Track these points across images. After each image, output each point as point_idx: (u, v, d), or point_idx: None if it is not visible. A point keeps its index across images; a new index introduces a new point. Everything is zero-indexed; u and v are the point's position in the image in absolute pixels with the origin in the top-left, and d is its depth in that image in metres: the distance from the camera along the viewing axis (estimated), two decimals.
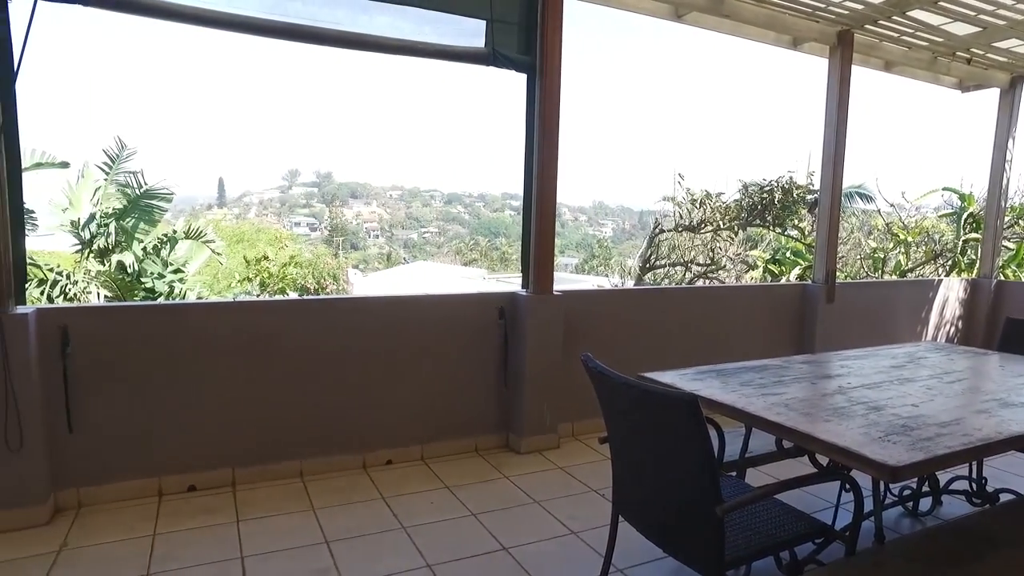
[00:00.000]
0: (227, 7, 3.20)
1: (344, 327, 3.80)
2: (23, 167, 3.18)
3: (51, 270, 9.10)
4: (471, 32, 3.85)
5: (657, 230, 10.81)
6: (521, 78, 4.04)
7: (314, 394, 3.72)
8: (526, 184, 4.14)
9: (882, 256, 10.24)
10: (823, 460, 2.52)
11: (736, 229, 10.39)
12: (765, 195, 9.99)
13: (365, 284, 27.01)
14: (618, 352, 4.47)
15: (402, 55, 3.69)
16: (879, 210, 10.72)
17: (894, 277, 9.81)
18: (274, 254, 16.54)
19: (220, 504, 3.35)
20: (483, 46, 3.85)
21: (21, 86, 3.00)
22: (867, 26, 5.03)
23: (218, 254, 11.29)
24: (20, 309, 3.05)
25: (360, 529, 3.12)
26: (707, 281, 10.46)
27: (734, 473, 2.63)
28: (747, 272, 10.48)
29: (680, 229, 10.48)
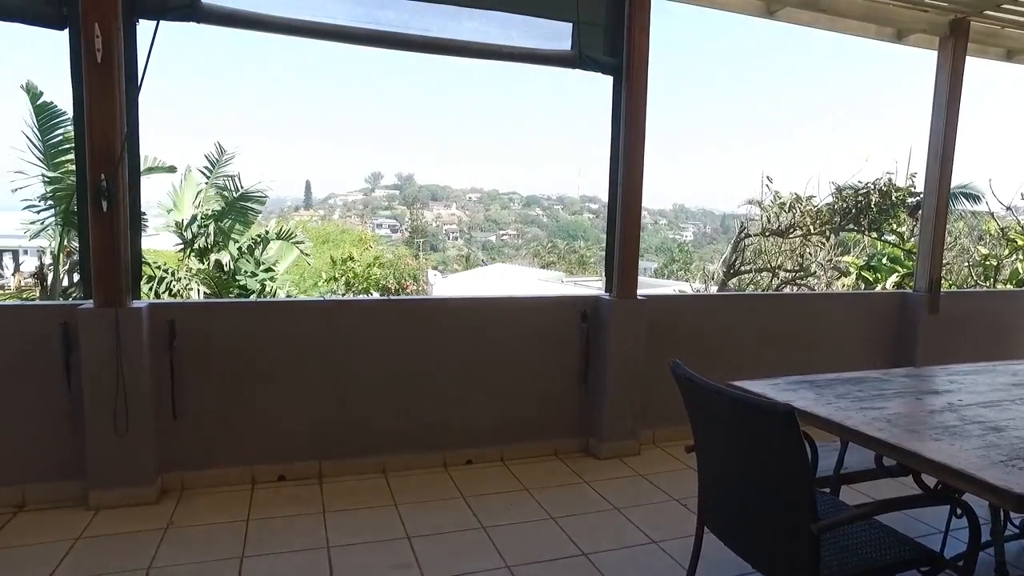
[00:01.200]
0: (324, 18, 3.34)
1: (428, 327, 3.88)
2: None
3: (158, 267, 9.74)
4: (557, 35, 3.85)
5: (743, 234, 10.47)
6: (607, 80, 4.01)
7: (397, 392, 3.82)
8: (611, 187, 4.10)
9: (995, 264, 9.50)
10: (929, 481, 2.36)
11: (828, 234, 9.92)
12: (860, 198, 9.48)
13: (444, 285, 27.53)
14: (702, 359, 4.32)
15: (488, 59, 3.74)
16: (992, 213, 9.95)
17: (1010, 287, 9.07)
18: (359, 255, 17.09)
19: (308, 495, 3.48)
20: (569, 48, 3.85)
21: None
22: (987, 12, 4.65)
23: (307, 255, 11.78)
24: (135, 303, 3.28)
25: (440, 526, 3.17)
26: (795, 288, 10.04)
27: (827, 489, 2.50)
28: (838, 279, 9.98)
29: (767, 234, 10.11)
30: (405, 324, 3.86)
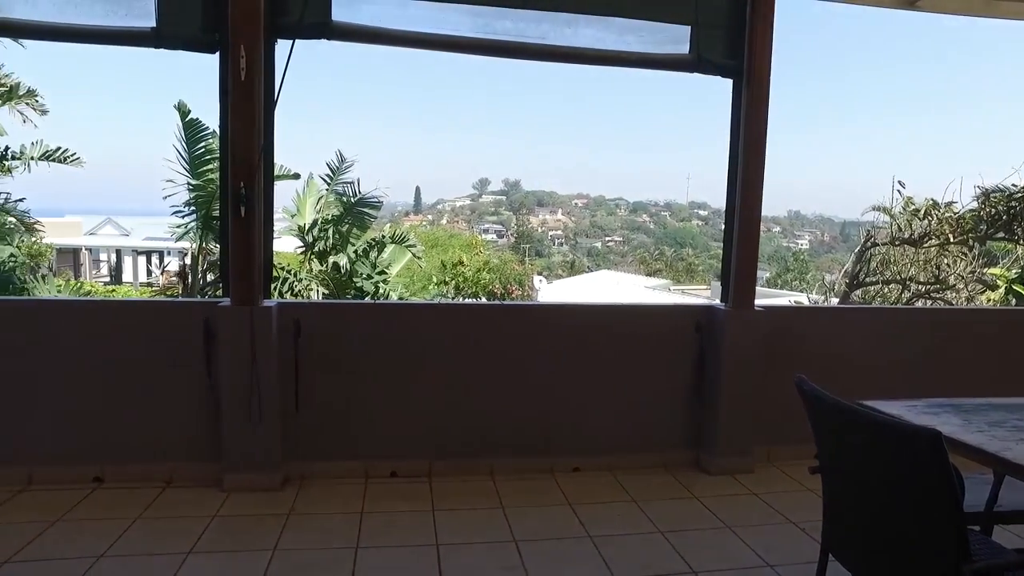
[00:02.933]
0: (447, 30, 3.46)
1: (538, 333, 3.91)
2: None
3: (282, 268, 10.42)
4: (675, 39, 3.77)
5: (868, 243, 9.74)
6: (720, 82, 3.87)
7: (505, 396, 3.86)
8: (729, 194, 3.95)
9: None
10: None
11: (971, 243, 9.02)
12: (1014, 204, 8.54)
13: (549, 291, 27.64)
14: (823, 375, 4.01)
15: (604, 65, 3.72)
16: None
17: None
18: (469, 259, 17.49)
19: (418, 492, 3.59)
20: (687, 52, 3.75)
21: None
22: None
23: (419, 258, 12.21)
24: (266, 302, 3.53)
25: (547, 533, 3.17)
26: (929, 302, 9.22)
27: (977, 527, 2.28)
28: (982, 293, 9.07)
29: (897, 243, 9.34)
30: (515, 329, 3.90)
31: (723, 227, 4.06)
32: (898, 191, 9.64)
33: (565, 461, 3.92)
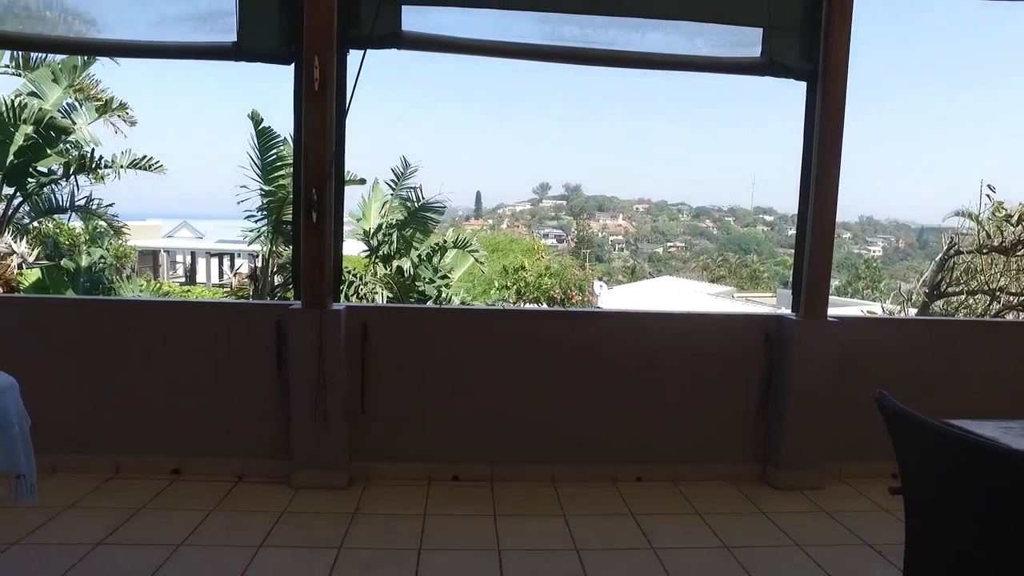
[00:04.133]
0: (513, 37, 3.48)
1: (600, 339, 3.88)
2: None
3: (348, 271, 10.71)
4: (745, 41, 3.68)
5: (951, 251, 9.23)
6: (789, 85, 3.75)
7: (568, 403, 3.85)
8: (801, 198, 3.83)
9: None
10: None
11: None
12: None
13: (609, 296, 27.37)
14: (902, 391, 3.83)
15: (673, 69, 3.67)
16: None
17: None
18: (530, 264, 17.52)
19: (479, 496, 3.61)
20: (759, 55, 3.65)
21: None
22: None
23: (481, 263, 12.34)
24: (335, 306, 3.63)
25: (609, 542, 3.14)
26: (1022, 315, 8.66)
27: None
28: None
29: (985, 251, 8.81)
30: (578, 335, 3.88)
31: (792, 233, 3.94)
32: (987, 195, 9.11)
33: (627, 470, 3.87)
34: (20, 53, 9.62)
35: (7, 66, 9.65)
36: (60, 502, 3.29)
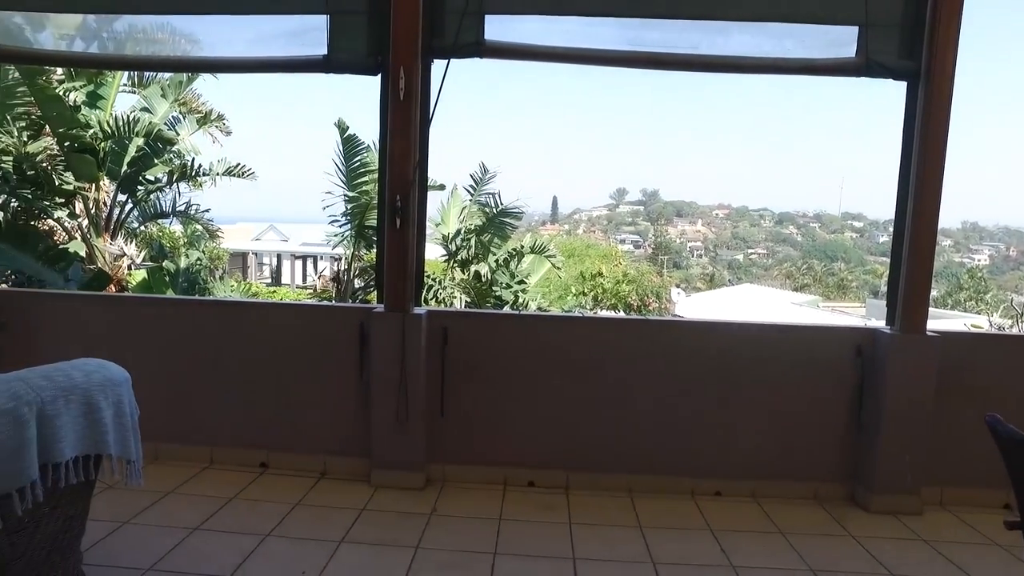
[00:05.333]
0: (595, 44, 3.47)
1: (679, 349, 3.80)
2: None
3: (428, 276, 10.95)
4: (839, 41, 3.52)
5: None
6: (895, 87, 3.55)
7: (646, 412, 3.78)
8: (899, 204, 3.61)
9: None
10: None
11: None
12: None
13: (687, 304, 26.76)
14: (1015, 415, 3.61)
15: (760, 73, 3.55)
16: None
17: None
18: (607, 271, 17.39)
19: (555, 503, 3.60)
20: (854, 55, 3.48)
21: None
22: None
23: (558, 268, 12.34)
24: (416, 310, 3.71)
25: (687, 558, 3.06)
26: None
27: None
28: None
29: None
30: (656, 344, 3.82)
31: (884, 240, 3.75)
32: None
33: (707, 484, 3.76)
34: (136, 72, 10.45)
35: (125, 84, 10.47)
36: (162, 487, 3.51)
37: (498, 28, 3.57)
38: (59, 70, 9.57)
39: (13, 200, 9.35)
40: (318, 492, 3.61)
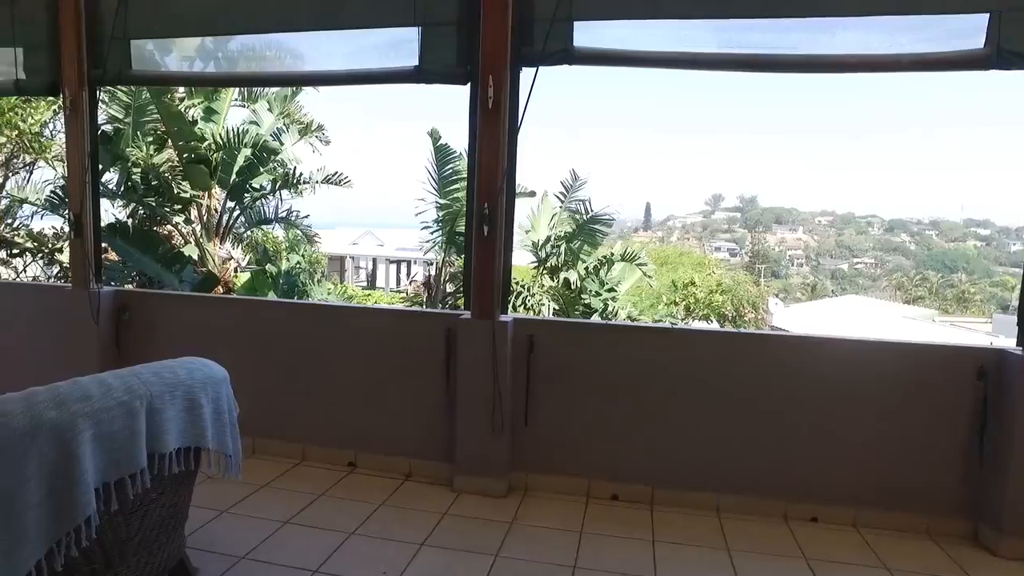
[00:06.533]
0: (690, 47, 3.36)
1: (776, 363, 3.60)
2: None
3: (516, 283, 11.00)
4: (961, 32, 3.22)
5: None
6: (999, 77, 3.22)
7: (737, 429, 3.61)
8: None
9: None
10: None
11: None
12: None
13: (785, 315, 25.53)
14: None
15: (870, 71, 3.30)
16: None
17: None
18: (700, 279, 16.89)
19: (638, 519, 3.49)
20: (981, 47, 3.17)
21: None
22: None
23: (649, 277, 12.09)
24: (503, 317, 3.71)
25: None
26: None
27: None
28: None
29: None
30: (751, 358, 3.63)
31: (1016, 249, 3.39)
32: None
33: (801, 508, 3.54)
34: (246, 88, 11.22)
35: (236, 100, 11.24)
36: (258, 480, 3.70)
37: (587, 34, 3.52)
38: (181, 89, 10.39)
39: (140, 207, 10.21)
40: (402, 494, 3.68)
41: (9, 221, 10.34)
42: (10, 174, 10.20)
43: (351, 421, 4.05)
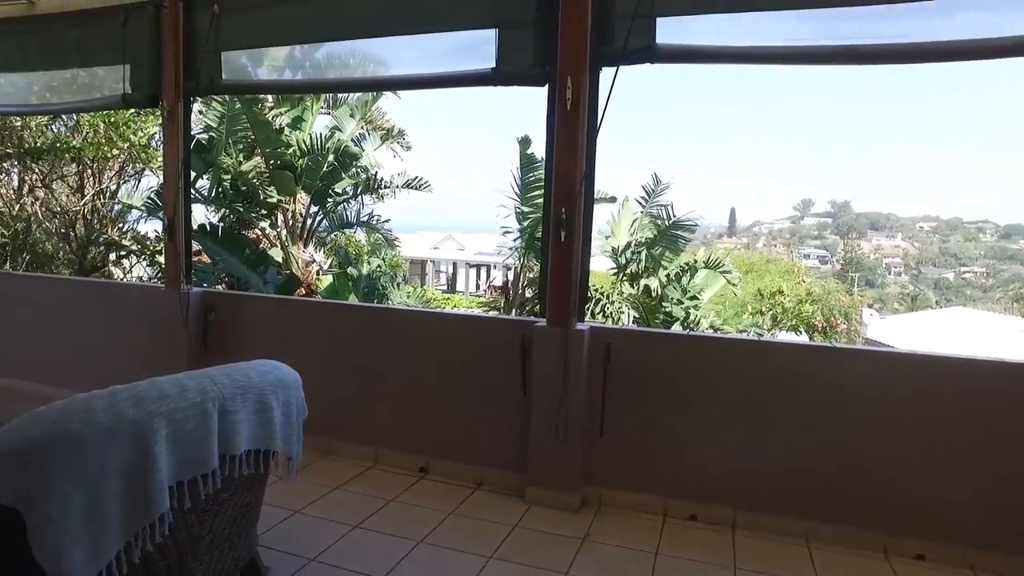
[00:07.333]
0: (781, 41, 3.14)
1: (874, 381, 3.29)
2: None
3: (595, 289, 10.81)
4: None
5: None
6: None
7: (830, 451, 3.33)
8: None
9: None
10: None
11: None
12: None
13: (881, 327, 23.98)
14: None
15: (995, 57, 2.95)
16: None
17: None
18: (788, 288, 16.11)
19: (718, 542, 3.28)
20: None
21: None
22: None
23: (734, 285, 11.62)
24: (579, 325, 3.59)
25: None
26: None
27: None
28: None
29: None
30: (844, 374, 3.34)
31: None
32: None
33: (905, 543, 3.21)
34: (330, 96, 11.62)
35: (321, 108, 11.66)
36: (331, 482, 3.74)
37: (671, 30, 3.36)
38: (269, 99, 10.87)
39: (229, 212, 10.74)
40: (472, 503, 3.62)
41: (120, 225, 11.11)
42: (121, 182, 10.96)
43: (424, 427, 4.03)
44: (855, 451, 3.30)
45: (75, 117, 9.48)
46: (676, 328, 9.87)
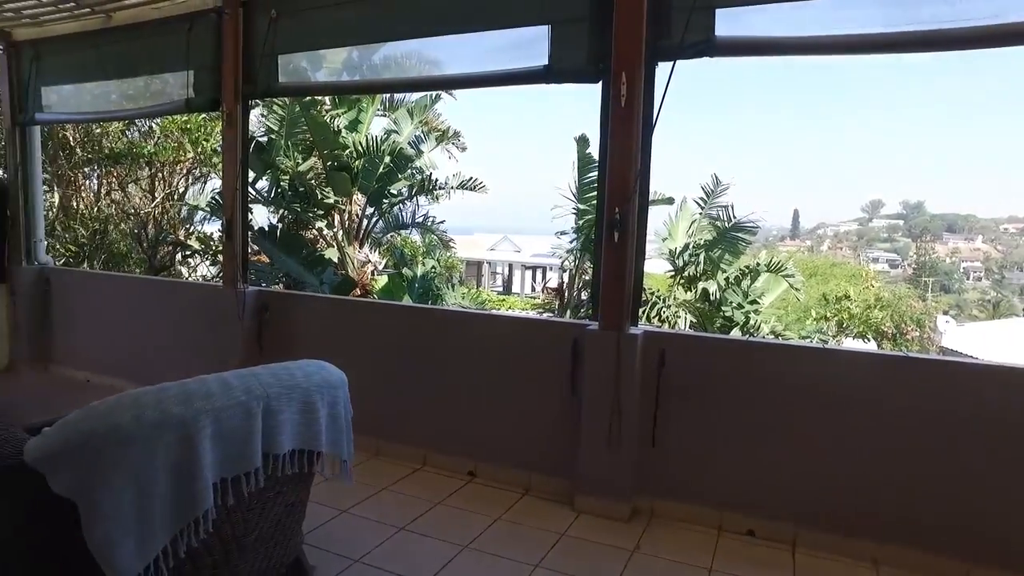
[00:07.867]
0: (849, 29, 2.94)
1: (949, 392, 3.04)
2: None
3: (651, 292, 10.57)
4: None
5: None
6: None
7: (902, 469, 3.10)
8: None
9: None
10: None
11: None
12: None
13: (958, 335, 22.68)
14: None
15: None
16: None
17: None
18: (855, 293, 15.39)
19: (777, 560, 3.11)
20: None
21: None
22: None
23: (796, 289, 11.16)
24: (632, 329, 3.47)
25: None
26: None
27: None
28: None
29: None
30: (918, 386, 3.11)
31: None
32: None
33: (986, 572, 2.95)
34: (387, 99, 11.75)
35: (379, 110, 11.81)
36: (379, 483, 3.73)
37: (731, 22, 3.21)
38: (327, 102, 11.08)
39: (287, 212, 11.00)
40: (520, 509, 3.55)
41: (187, 226, 11.54)
42: (189, 184, 11.39)
43: (473, 430, 3.98)
44: (931, 470, 3.06)
45: (147, 123, 9.90)
46: (735, 333, 9.55)
